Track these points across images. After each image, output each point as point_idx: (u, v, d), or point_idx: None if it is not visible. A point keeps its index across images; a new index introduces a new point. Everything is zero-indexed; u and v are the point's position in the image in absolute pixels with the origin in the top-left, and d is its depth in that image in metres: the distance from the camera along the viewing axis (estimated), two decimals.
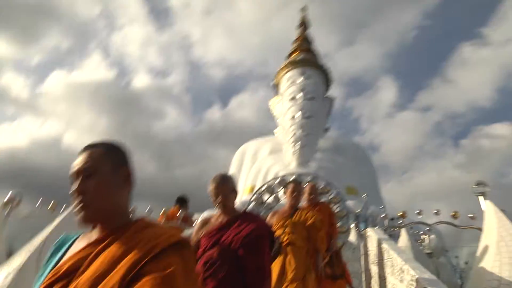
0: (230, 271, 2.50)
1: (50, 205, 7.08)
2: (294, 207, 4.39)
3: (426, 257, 8.35)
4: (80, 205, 1.29)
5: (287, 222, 4.22)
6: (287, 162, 18.31)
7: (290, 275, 3.88)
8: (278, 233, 4.07)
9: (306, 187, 4.75)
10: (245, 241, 2.57)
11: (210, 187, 2.80)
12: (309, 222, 4.19)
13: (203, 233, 2.77)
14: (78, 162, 1.36)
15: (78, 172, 1.33)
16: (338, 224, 9.32)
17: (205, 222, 2.89)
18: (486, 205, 5.11)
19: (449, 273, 9.42)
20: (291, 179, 10.25)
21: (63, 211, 5.75)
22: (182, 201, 7.30)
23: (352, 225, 9.68)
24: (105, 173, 1.34)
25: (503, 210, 4.82)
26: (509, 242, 4.16)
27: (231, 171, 22.12)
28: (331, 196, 9.75)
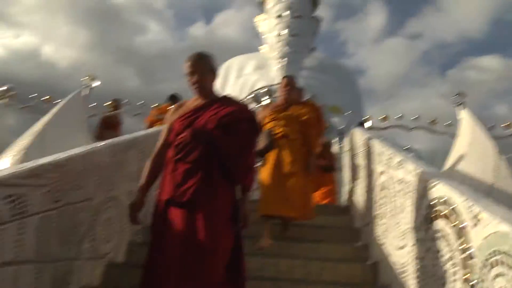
0: (203, 153, 2.31)
1: (46, 98, 7.21)
2: (288, 101, 4.30)
3: None
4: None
5: (280, 115, 4.19)
6: (272, 77, 18.39)
7: (287, 168, 3.93)
8: (270, 125, 4.10)
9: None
10: (221, 122, 2.38)
11: (185, 65, 2.47)
12: (304, 117, 4.15)
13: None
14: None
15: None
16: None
17: (180, 105, 2.68)
18: (464, 112, 5.41)
19: None
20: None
21: (60, 101, 5.90)
22: (174, 98, 7.69)
23: (336, 139, 9.99)
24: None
25: (478, 120, 5.14)
26: (478, 145, 4.50)
27: (217, 87, 22.16)
28: None
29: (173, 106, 7.43)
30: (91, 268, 3.10)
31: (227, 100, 2.60)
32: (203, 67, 2.49)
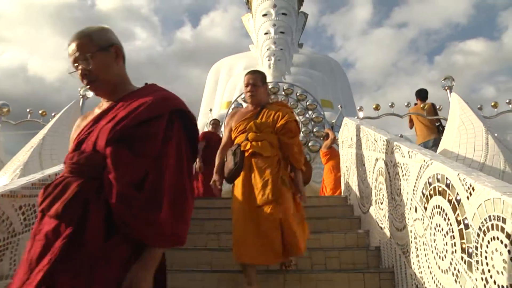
0: (78, 199, 1.34)
1: (41, 112, 7.26)
2: (257, 105, 3.44)
3: None
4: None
5: (249, 124, 3.29)
6: None
7: (258, 196, 3.01)
8: (239, 140, 3.30)
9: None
10: (117, 131, 1.41)
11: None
12: (280, 123, 3.27)
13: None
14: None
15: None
16: (315, 130, 9.81)
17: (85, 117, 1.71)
18: (452, 96, 5.53)
19: None
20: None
21: (54, 115, 5.97)
22: None
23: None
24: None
25: (466, 102, 5.25)
26: (468, 126, 4.61)
27: (206, 89, 22.32)
28: (308, 103, 10.12)
29: None
30: None
31: (137, 94, 1.60)
32: (90, 48, 1.55)
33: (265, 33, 21.26)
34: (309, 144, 9.72)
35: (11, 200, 2.15)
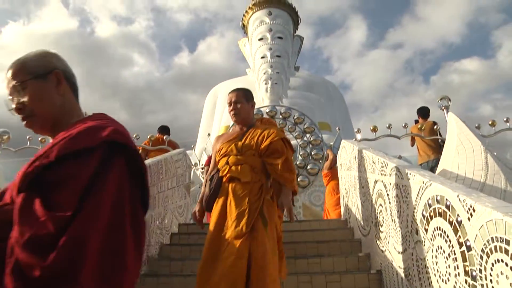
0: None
1: (40, 139, 7.27)
2: (242, 125, 3.19)
3: None
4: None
5: (231, 147, 3.00)
6: (260, 100, 18.58)
7: (231, 227, 2.58)
8: (220, 164, 2.99)
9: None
10: (27, 174, 1.08)
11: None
12: (264, 144, 2.93)
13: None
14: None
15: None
16: (314, 152, 9.80)
17: None
18: (449, 116, 5.53)
19: None
20: (265, 110, 10.58)
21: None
22: (165, 129, 8.20)
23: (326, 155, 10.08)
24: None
25: (463, 121, 5.26)
26: (466, 145, 4.60)
27: (205, 113, 22.43)
28: (305, 126, 10.13)
29: (165, 136, 7.78)
30: None
31: (71, 127, 1.25)
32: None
33: (262, 57, 21.49)
34: (308, 167, 9.69)
35: None
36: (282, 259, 2.84)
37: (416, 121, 7.99)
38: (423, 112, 7.78)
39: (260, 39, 22.96)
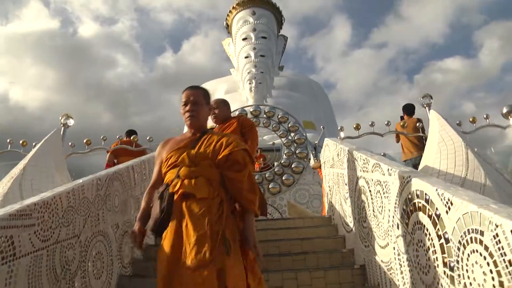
0: None
1: (21, 142, 7.17)
2: (196, 130, 2.61)
3: None
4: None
5: (182, 156, 2.42)
6: (244, 99, 18.61)
7: (191, 255, 2.07)
8: (169, 177, 2.42)
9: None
10: None
11: None
12: (223, 153, 2.40)
13: None
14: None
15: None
16: (298, 151, 9.85)
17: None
18: (430, 113, 5.62)
19: None
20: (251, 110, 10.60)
21: (35, 145, 5.89)
22: (132, 132, 8.58)
23: (312, 153, 10.13)
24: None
25: (445, 119, 5.35)
26: (448, 142, 4.68)
27: None
28: (290, 125, 10.17)
29: (133, 136, 7.97)
30: None
31: None
32: None
33: (246, 57, 21.53)
34: (293, 166, 9.74)
35: None
36: (260, 285, 2.32)
37: (402, 118, 8.07)
38: (408, 109, 7.87)
39: (244, 39, 22.99)
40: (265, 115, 10.36)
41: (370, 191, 3.36)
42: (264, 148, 11.95)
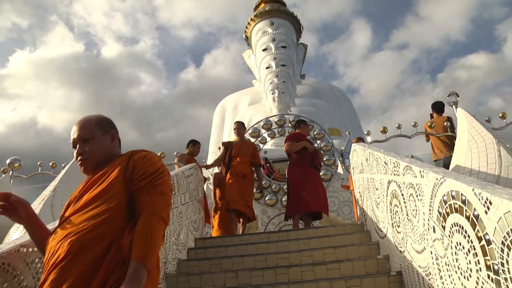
0: None
1: (51, 164, 7.35)
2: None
3: None
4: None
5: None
6: (268, 110, 18.62)
7: None
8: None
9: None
10: None
11: None
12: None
13: None
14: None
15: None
16: (325, 158, 9.77)
17: None
18: (458, 111, 5.49)
19: None
20: (276, 120, 10.59)
21: (64, 166, 6.01)
22: (196, 142, 8.02)
23: (339, 159, 10.04)
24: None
25: (473, 116, 5.22)
26: (478, 140, 4.56)
27: (214, 127, 22.51)
28: (315, 132, 10.11)
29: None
30: None
31: None
32: None
33: (267, 67, 21.55)
34: (320, 173, 9.65)
35: (23, 255, 2.12)
36: None
37: (432, 116, 7.88)
38: (438, 107, 7.68)
39: (264, 50, 23.04)
40: (290, 124, 10.33)
41: (402, 194, 3.27)
42: None
